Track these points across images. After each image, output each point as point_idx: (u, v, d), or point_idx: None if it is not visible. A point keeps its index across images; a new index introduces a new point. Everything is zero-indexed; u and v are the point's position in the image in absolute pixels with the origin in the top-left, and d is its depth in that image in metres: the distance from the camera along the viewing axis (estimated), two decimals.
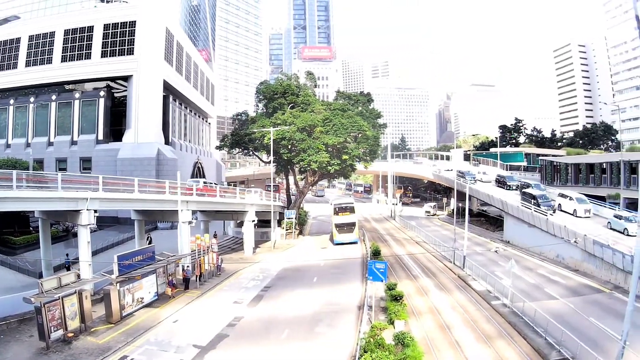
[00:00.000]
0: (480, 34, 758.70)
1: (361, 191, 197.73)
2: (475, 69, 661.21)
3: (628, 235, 56.17)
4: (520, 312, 40.83)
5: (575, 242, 56.89)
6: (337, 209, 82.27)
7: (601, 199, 76.71)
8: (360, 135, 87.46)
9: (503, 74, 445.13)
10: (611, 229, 60.00)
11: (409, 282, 54.02)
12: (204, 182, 71.12)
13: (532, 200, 73.74)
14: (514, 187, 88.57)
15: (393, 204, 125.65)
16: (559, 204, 71.79)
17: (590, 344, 31.89)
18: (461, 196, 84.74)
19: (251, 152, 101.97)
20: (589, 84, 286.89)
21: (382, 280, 41.13)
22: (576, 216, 67.49)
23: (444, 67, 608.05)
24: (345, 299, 45.89)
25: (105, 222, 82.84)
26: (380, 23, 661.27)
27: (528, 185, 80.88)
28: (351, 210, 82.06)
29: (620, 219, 59.66)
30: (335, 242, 79.56)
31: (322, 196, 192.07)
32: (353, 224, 79.98)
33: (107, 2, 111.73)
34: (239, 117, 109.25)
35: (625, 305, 27.55)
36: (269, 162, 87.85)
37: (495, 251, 64.12)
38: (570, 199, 70.55)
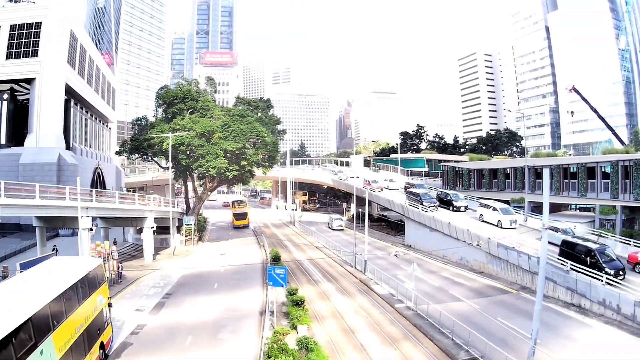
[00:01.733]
0: (383, 42, 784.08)
1: (269, 198, 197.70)
2: (377, 76, 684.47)
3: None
4: (425, 315, 42.68)
5: (477, 244, 59.68)
6: (234, 204, 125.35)
7: (506, 203, 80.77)
8: (259, 141, 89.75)
9: (405, 81, 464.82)
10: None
11: (311, 287, 55.64)
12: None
13: (416, 199, 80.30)
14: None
15: (292, 209, 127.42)
16: (481, 214, 71.21)
17: (499, 344, 33.70)
18: (361, 201, 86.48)
19: (150, 158, 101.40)
20: (494, 92, 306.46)
21: (282, 286, 42.04)
22: (501, 227, 65.90)
23: (345, 73, 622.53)
24: (247, 305, 46.94)
25: (7, 229, 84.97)
26: (285, 29, 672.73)
27: (447, 195, 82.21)
28: (244, 205, 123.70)
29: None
30: (234, 227, 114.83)
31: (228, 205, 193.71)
32: (245, 213, 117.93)
33: (16, 1, 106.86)
34: (139, 122, 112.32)
35: (533, 305, 28.86)
36: (168, 168, 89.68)
37: (396, 255, 65.87)
38: (494, 209, 69.02)
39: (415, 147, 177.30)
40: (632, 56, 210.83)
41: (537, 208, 76.15)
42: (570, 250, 48.05)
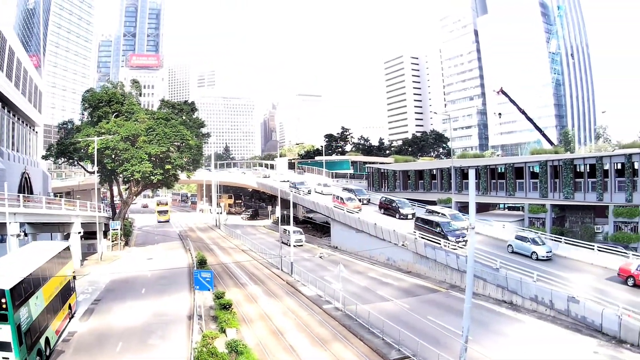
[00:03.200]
0: (308, 44, 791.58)
1: (194, 202, 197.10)
2: (302, 79, 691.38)
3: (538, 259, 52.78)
4: (354, 315, 43.54)
5: (403, 245, 60.18)
6: (158, 203, 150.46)
7: (432, 203, 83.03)
8: (183, 144, 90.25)
9: (331, 84, 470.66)
10: (513, 252, 55.66)
11: (238, 290, 56.15)
12: None
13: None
14: (365, 202, 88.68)
15: (218, 213, 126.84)
16: (420, 219, 67.81)
17: (431, 342, 34.33)
18: (286, 204, 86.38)
19: (76, 162, 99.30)
20: (420, 95, 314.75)
21: (209, 289, 42.61)
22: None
23: (270, 76, 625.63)
24: (175, 310, 47.25)
25: None
26: (212, 31, 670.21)
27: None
28: (166, 203, 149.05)
29: (525, 241, 55.12)
30: (158, 221, 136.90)
31: (147, 206, 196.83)
32: (167, 211, 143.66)
33: None
34: (65, 125, 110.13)
35: (464, 303, 29.26)
36: (94, 173, 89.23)
37: (321, 257, 65.89)
38: (443, 215, 67.74)
39: (340, 149, 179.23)
40: (563, 59, 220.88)
41: (464, 208, 78.10)
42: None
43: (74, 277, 45.31)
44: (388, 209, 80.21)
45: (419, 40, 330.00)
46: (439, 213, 68.72)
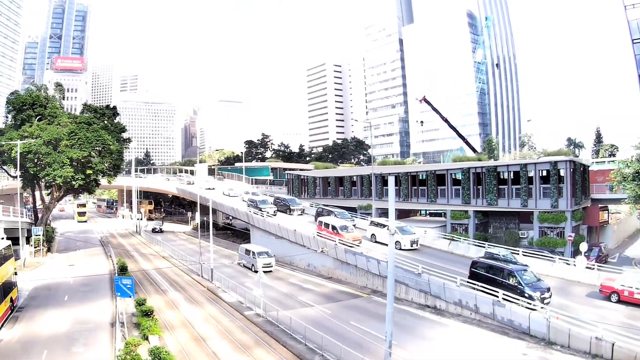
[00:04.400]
0: (231, 51, 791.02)
1: (116, 207, 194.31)
2: (224, 85, 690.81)
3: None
4: (275, 321, 43.97)
5: (322, 251, 60.64)
6: (78, 205, 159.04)
7: (352, 209, 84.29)
8: (104, 149, 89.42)
9: (253, 90, 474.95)
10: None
11: (159, 297, 56.19)
12: None
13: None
14: (299, 212, 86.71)
15: (138, 219, 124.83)
16: (372, 234, 65.81)
17: (354, 347, 34.62)
18: (205, 210, 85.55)
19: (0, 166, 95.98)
20: (342, 102, 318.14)
21: (130, 296, 43.04)
22: (400, 249, 60.05)
23: (192, 81, 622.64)
24: (98, 317, 46.56)
25: None
26: (137, 35, 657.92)
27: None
28: (84, 205, 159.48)
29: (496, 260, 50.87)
30: (78, 221, 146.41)
31: (63, 210, 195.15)
32: (85, 212, 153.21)
33: None
34: None
35: (385, 308, 29.53)
36: (17, 177, 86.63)
37: (238, 264, 65.58)
38: (382, 225, 64.58)
39: (260, 155, 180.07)
40: (488, 69, 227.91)
41: (384, 214, 78.46)
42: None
43: (15, 273, 48.97)
44: (279, 205, 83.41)
45: (342, 49, 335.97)
46: (384, 225, 64.18)
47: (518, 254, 54.46)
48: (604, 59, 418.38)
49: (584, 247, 54.09)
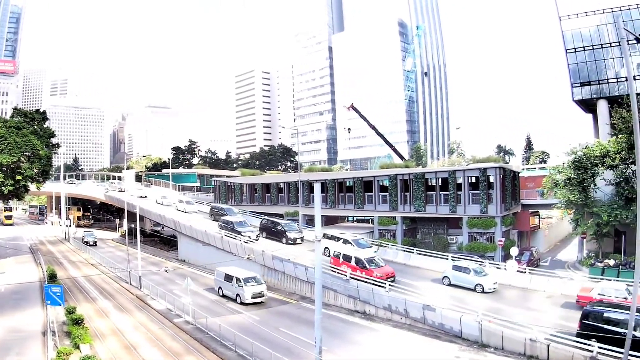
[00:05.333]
0: (159, 56, 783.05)
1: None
2: (152, 91, 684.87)
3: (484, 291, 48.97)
4: (205, 328, 43.87)
5: (248, 258, 60.19)
6: (4, 209, 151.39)
7: (279, 216, 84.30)
8: (33, 154, 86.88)
9: (181, 96, 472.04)
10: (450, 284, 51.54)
11: (89, 305, 55.08)
12: None
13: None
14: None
15: (67, 225, 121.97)
16: (326, 248, 60.09)
17: (284, 353, 34.85)
18: (133, 217, 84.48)
19: None
20: (270, 109, 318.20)
21: (60, 304, 42.41)
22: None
23: (121, 86, 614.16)
24: (29, 325, 45.46)
25: None
26: (71, 39, 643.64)
27: (276, 224, 74.09)
28: (10, 209, 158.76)
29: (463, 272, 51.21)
30: (3, 224, 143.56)
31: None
32: (11, 216, 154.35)
33: None
34: None
35: (314, 313, 29.97)
36: None
37: (165, 270, 65.10)
38: (345, 241, 61.78)
39: (187, 162, 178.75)
40: (418, 77, 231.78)
41: (311, 221, 79.21)
42: (346, 261, 52.73)
43: None
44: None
45: (272, 56, 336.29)
46: (339, 239, 62.37)
47: (485, 265, 54.48)
48: (535, 68, 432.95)
49: (514, 251, 55.53)
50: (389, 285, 46.45)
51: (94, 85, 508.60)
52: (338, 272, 52.28)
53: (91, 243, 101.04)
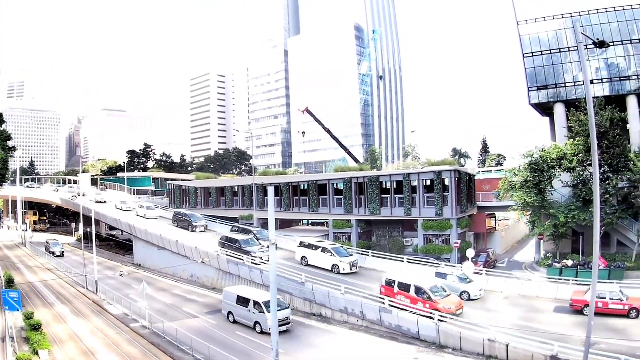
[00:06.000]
0: (115, 59, 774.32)
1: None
2: (107, 94, 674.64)
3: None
4: (161, 333, 43.60)
5: (202, 261, 60.09)
6: None
7: (234, 220, 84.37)
8: None
9: (136, 99, 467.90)
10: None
11: (46, 310, 54.44)
12: None
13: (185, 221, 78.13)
14: (202, 229, 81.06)
15: (23, 230, 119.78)
16: (302, 257, 59.80)
17: (242, 356, 35.59)
18: (88, 220, 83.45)
19: None
20: (224, 112, 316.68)
21: (17, 309, 42.25)
22: (339, 273, 54.99)
23: (77, 89, 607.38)
24: None
25: None
26: (25, 41, 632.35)
27: (246, 231, 72.32)
28: None
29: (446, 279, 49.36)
30: None
31: None
32: None
33: None
34: None
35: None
36: None
37: (120, 275, 64.64)
38: (324, 250, 58.35)
39: (142, 165, 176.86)
40: (373, 80, 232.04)
41: (265, 224, 78.34)
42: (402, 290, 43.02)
43: None
44: (178, 221, 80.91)
45: (227, 59, 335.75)
46: (317, 247, 59.09)
47: (441, 267, 54.76)
48: (492, 72, 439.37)
49: (470, 253, 55.80)
50: (345, 288, 46.10)
51: (50, 87, 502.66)
52: (392, 305, 42.17)
53: (57, 253, 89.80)
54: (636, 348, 32.19)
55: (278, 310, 37.16)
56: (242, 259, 57.78)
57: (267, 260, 54.30)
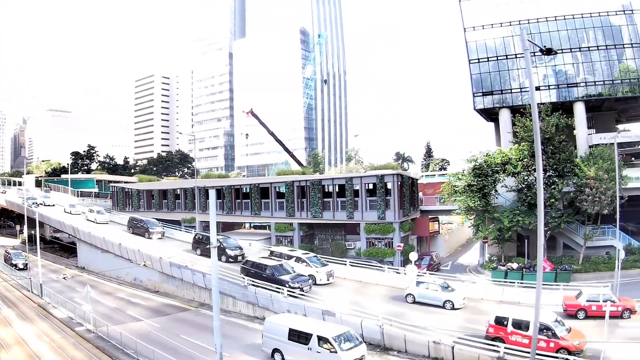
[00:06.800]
0: (61, 59, 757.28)
1: None
2: (53, 94, 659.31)
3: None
4: (106, 336, 43.27)
5: (144, 265, 59.28)
6: None
7: (176, 223, 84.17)
8: None
9: (81, 100, 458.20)
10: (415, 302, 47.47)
11: None
12: None
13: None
14: (159, 236, 77.19)
15: None
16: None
17: (186, 359, 35.60)
18: (33, 223, 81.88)
19: None
20: (168, 115, 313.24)
21: None
22: (315, 284, 52.20)
23: (22, 90, 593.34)
24: None
25: None
26: None
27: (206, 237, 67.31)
28: None
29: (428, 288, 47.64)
30: None
31: None
32: None
33: None
34: None
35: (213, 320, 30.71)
36: None
37: (64, 278, 63.79)
38: (298, 260, 55.32)
39: (86, 167, 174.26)
40: (317, 84, 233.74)
41: (208, 227, 78.14)
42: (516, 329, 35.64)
43: None
44: (134, 227, 78.38)
45: (173, 61, 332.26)
46: (289, 257, 55.94)
47: (384, 270, 56.62)
48: (438, 77, 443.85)
49: (413, 256, 56.19)
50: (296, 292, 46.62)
51: None
52: (507, 348, 33.51)
53: (20, 266, 77.50)
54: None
55: (353, 348, 34.10)
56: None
57: (308, 291, 48.20)
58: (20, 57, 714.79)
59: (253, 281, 49.80)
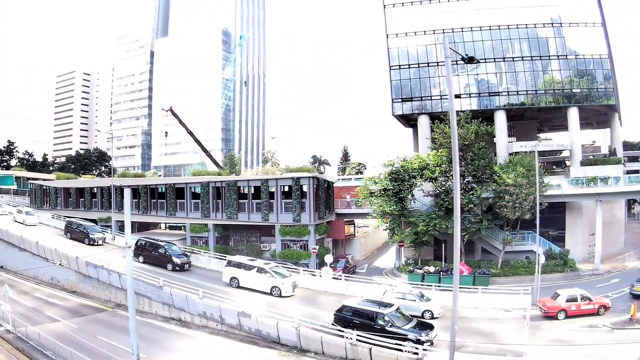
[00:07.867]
0: None
1: None
2: None
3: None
4: (25, 337, 42.34)
5: (60, 264, 57.84)
6: None
7: (93, 221, 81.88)
8: None
9: (2, 95, 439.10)
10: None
11: None
12: None
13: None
14: (100, 242, 71.34)
15: None
16: (233, 278, 53.78)
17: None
18: None
19: None
20: (87, 112, 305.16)
21: None
22: (280, 296, 50.20)
23: None
24: None
25: None
26: None
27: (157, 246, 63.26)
28: None
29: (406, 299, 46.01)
30: None
31: None
32: None
33: None
34: None
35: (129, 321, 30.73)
36: None
37: None
38: (261, 270, 52.31)
39: (5, 163, 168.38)
40: (236, 86, 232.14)
41: (123, 227, 77.27)
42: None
43: None
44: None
45: (96, 57, 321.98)
46: (250, 267, 53.02)
47: (299, 272, 56.71)
48: (358, 82, 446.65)
49: (329, 258, 57.80)
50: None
51: None
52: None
53: None
54: None
55: None
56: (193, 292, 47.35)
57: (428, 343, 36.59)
58: None
59: (358, 334, 36.65)
